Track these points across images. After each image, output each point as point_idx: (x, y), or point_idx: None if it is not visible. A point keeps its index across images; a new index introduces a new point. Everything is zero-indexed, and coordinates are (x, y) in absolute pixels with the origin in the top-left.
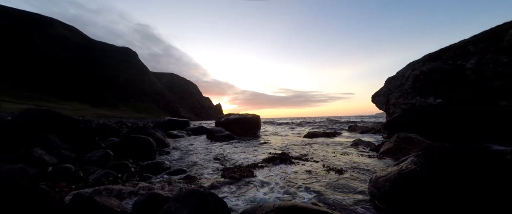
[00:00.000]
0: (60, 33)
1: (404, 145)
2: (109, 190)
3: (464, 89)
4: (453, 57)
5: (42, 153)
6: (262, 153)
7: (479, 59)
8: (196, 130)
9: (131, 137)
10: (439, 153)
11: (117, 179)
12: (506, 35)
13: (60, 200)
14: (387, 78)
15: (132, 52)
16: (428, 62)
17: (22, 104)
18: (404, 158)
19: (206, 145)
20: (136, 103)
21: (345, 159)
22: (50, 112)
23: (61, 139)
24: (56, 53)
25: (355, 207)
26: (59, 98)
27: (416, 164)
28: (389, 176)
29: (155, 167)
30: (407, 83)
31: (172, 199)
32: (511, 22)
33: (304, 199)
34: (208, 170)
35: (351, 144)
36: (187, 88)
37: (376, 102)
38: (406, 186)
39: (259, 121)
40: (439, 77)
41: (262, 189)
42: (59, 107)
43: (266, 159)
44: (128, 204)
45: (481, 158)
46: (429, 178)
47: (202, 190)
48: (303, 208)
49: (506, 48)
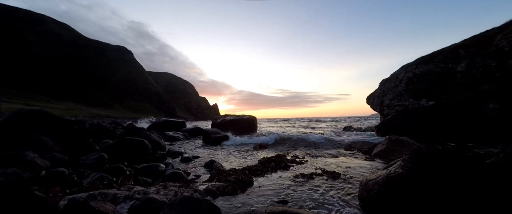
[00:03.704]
0: (53, 30)
1: (395, 147)
2: (104, 194)
3: (455, 92)
4: (445, 61)
5: (34, 156)
6: (257, 155)
7: (469, 63)
8: (192, 131)
9: (126, 139)
10: (426, 157)
11: (112, 183)
12: (494, 40)
13: (55, 206)
14: (382, 80)
15: (127, 51)
16: (421, 65)
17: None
18: (393, 161)
19: (202, 147)
20: (131, 103)
21: (337, 161)
22: (42, 112)
23: (54, 141)
24: (48, 50)
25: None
26: (52, 97)
27: (403, 168)
28: (378, 179)
29: (150, 170)
30: (401, 85)
31: (167, 207)
32: (499, 28)
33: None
34: (204, 173)
35: (345, 146)
36: (183, 88)
37: (370, 103)
38: (393, 190)
39: (256, 122)
40: (431, 80)
41: (256, 192)
42: (52, 106)
43: (262, 161)
44: (123, 209)
45: (467, 161)
46: (415, 181)
47: (196, 196)
48: (293, 213)
49: (494, 52)
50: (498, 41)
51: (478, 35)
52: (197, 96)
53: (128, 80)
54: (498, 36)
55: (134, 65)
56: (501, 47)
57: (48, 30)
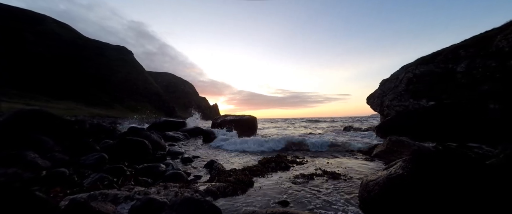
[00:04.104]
0: (53, 30)
1: (395, 148)
2: (105, 195)
3: (455, 92)
4: (445, 61)
5: (35, 156)
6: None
7: (469, 64)
8: (192, 131)
9: (126, 139)
10: (427, 158)
11: (112, 183)
12: (494, 41)
13: (56, 206)
14: (382, 80)
15: (127, 51)
16: (421, 65)
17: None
18: (394, 162)
19: (202, 147)
20: (131, 103)
21: (338, 162)
22: (43, 112)
23: (54, 141)
24: (48, 50)
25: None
26: (52, 97)
27: (404, 168)
28: (378, 180)
29: (150, 170)
30: (401, 85)
31: (168, 207)
32: (499, 28)
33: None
34: (204, 173)
35: (345, 145)
36: (183, 88)
37: (371, 104)
38: (394, 191)
39: (256, 122)
40: (431, 80)
41: (256, 193)
42: (52, 106)
43: (262, 162)
44: (124, 209)
45: (467, 162)
46: (416, 182)
47: (197, 197)
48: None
49: (495, 53)
50: (498, 42)
51: (478, 36)
52: (197, 96)
53: (128, 80)
54: (498, 37)
55: (134, 65)
56: (501, 48)
57: (48, 30)
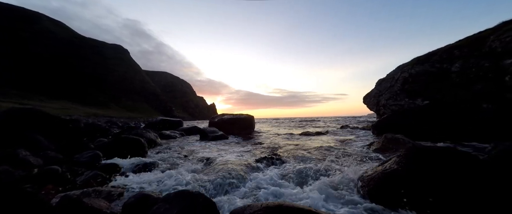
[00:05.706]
0: (48, 29)
1: (391, 145)
2: (98, 191)
3: (450, 92)
4: (440, 61)
5: (26, 154)
6: (254, 153)
7: (463, 63)
8: (189, 130)
9: (121, 137)
10: (421, 153)
11: (106, 180)
12: (487, 41)
13: (47, 203)
14: (378, 80)
15: (123, 49)
16: (416, 65)
17: (6, 103)
18: (388, 158)
19: (199, 145)
20: (127, 102)
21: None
22: (35, 110)
23: (47, 139)
24: (43, 49)
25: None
26: (46, 96)
27: (398, 164)
28: (374, 175)
29: (145, 167)
30: (397, 85)
31: (162, 200)
32: (492, 29)
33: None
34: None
35: (341, 143)
36: (180, 88)
37: (367, 103)
38: (388, 185)
39: (253, 121)
40: (426, 80)
41: (251, 186)
42: (46, 105)
43: (258, 160)
44: (118, 206)
45: (460, 157)
46: (410, 177)
47: (192, 191)
48: (289, 207)
49: (488, 53)
50: (491, 42)
51: (472, 36)
52: (195, 95)
53: (124, 79)
54: (491, 37)
55: (131, 64)
56: (494, 48)
57: (44, 28)
